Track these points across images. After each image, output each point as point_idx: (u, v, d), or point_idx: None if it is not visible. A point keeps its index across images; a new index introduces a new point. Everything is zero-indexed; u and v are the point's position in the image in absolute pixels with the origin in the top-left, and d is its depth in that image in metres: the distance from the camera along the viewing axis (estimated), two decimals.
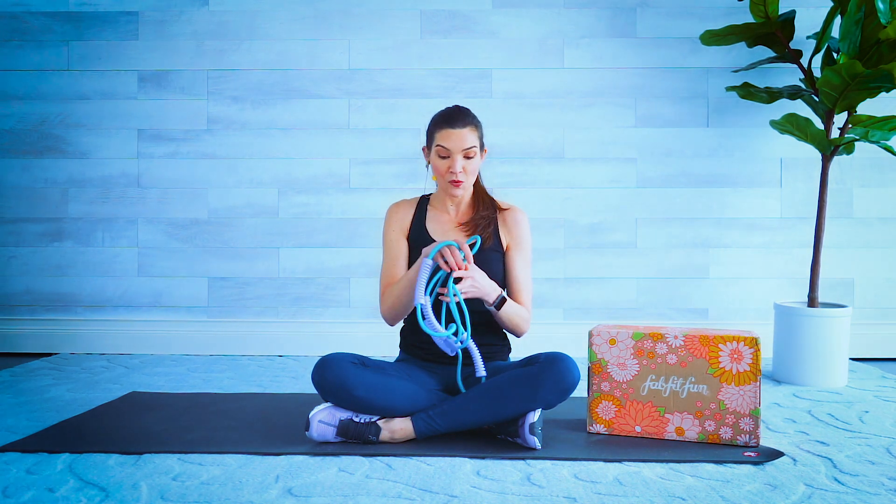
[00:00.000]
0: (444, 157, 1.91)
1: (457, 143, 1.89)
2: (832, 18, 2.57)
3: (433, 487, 1.53)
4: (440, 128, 1.91)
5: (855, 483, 1.57)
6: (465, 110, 1.94)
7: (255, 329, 3.14)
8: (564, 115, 3.11)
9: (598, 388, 1.92)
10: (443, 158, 1.91)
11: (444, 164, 1.91)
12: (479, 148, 1.93)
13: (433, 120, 1.95)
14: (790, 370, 2.58)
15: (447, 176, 1.91)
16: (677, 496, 1.49)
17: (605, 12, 3.10)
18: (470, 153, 1.90)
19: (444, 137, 1.89)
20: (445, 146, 1.89)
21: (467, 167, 1.91)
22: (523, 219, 2.03)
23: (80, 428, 1.96)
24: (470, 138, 1.90)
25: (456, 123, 1.90)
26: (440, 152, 1.91)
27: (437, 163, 1.93)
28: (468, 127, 1.90)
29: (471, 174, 1.93)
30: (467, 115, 1.93)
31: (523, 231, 2.01)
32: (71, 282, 3.18)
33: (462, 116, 1.92)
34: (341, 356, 1.83)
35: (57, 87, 3.16)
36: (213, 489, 1.52)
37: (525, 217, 2.04)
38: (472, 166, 1.93)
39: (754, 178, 3.10)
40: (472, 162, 1.92)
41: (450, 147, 1.89)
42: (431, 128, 1.95)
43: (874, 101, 2.86)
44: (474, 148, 1.91)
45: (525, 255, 2.01)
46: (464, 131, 1.89)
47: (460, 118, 1.91)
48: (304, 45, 3.13)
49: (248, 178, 3.15)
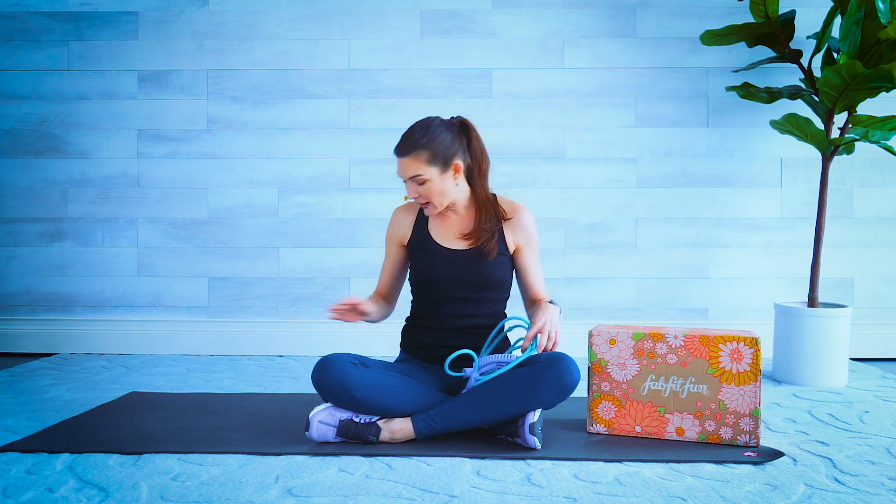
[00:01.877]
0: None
1: (402, 171, 1.90)
2: (832, 18, 2.57)
3: (433, 487, 1.53)
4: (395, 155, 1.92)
5: (855, 483, 1.57)
6: (413, 135, 1.88)
7: (255, 329, 3.14)
8: (564, 115, 3.11)
9: (598, 388, 1.92)
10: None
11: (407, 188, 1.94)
12: (437, 170, 1.88)
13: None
14: (790, 370, 2.58)
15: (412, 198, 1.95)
16: (677, 496, 1.49)
17: (605, 12, 3.10)
18: (418, 180, 1.88)
19: (397, 165, 1.92)
20: (397, 171, 1.92)
21: (422, 191, 1.89)
22: (529, 218, 2.04)
23: (80, 428, 1.96)
24: (412, 167, 1.87)
25: (400, 151, 1.89)
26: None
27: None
28: (409, 156, 1.87)
29: (434, 195, 1.90)
30: (412, 141, 1.87)
31: (531, 231, 2.03)
32: (71, 282, 3.18)
33: (406, 144, 1.88)
34: (341, 356, 1.82)
35: (57, 87, 3.16)
36: (213, 489, 1.52)
37: (530, 216, 2.05)
38: (428, 189, 1.89)
39: (754, 178, 3.10)
40: (427, 186, 1.88)
41: (399, 173, 1.91)
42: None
43: (874, 101, 2.86)
44: (419, 176, 1.87)
45: (535, 251, 2.05)
46: (405, 160, 1.88)
47: (403, 146, 1.88)
48: (303, 44, 3.13)
49: (248, 178, 3.15)
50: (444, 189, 1.91)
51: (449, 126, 1.93)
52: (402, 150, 1.88)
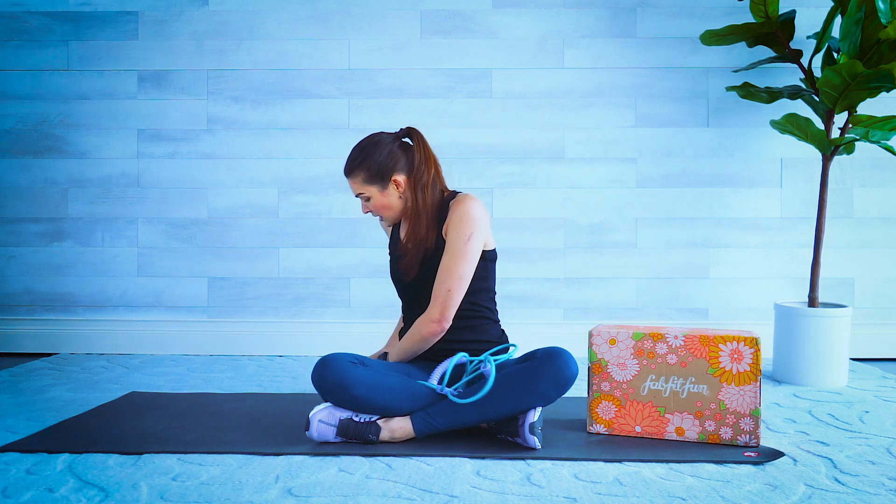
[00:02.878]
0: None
1: (352, 190, 2.01)
2: (832, 18, 2.57)
3: (433, 487, 1.53)
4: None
5: (855, 483, 1.56)
6: (351, 155, 1.98)
7: (255, 329, 3.14)
8: (564, 115, 3.11)
9: (598, 388, 1.91)
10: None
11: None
12: (376, 188, 1.97)
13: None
14: (790, 370, 2.58)
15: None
16: (677, 496, 1.49)
17: (605, 12, 3.10)
18: (363, 197, 2.00)
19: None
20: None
21: (370, 206, 2.01)
22: (455, 209, 1.93)
23: (79, 428, 1.96)
24: (355, 186, 1.99)
25: (345, 171, 2.01)
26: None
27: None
28: (350, 177, 2.00)
29: (381, 209, 2.01)
30: (349, 163, 1.98)
31: (450, 222, 1.92)
32: (71, 282, 3.18)
33: (347, 165, 1.99)
34: (341, 356, 1.82)
35: (57, 86, 3.16)
36: (213, 489, 1.52)
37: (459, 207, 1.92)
38: (373, 205, 2.00)
39: (754, 178, 3.10)
40: (372, 203, 2.00)
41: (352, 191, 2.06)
42: None
43: (874, 101, 2.87)
44: (363, 194, 1.99)
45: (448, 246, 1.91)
46: (349, 180, 2.01)
47: (346, 166, 2.00)
48: (303, 45, 3.13)
49: (248, 178, 3.15)
50: (389, 203, 2.00)
51: (391, 141, 1.99)
52: (345, 170, 2.01)
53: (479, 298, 1.99)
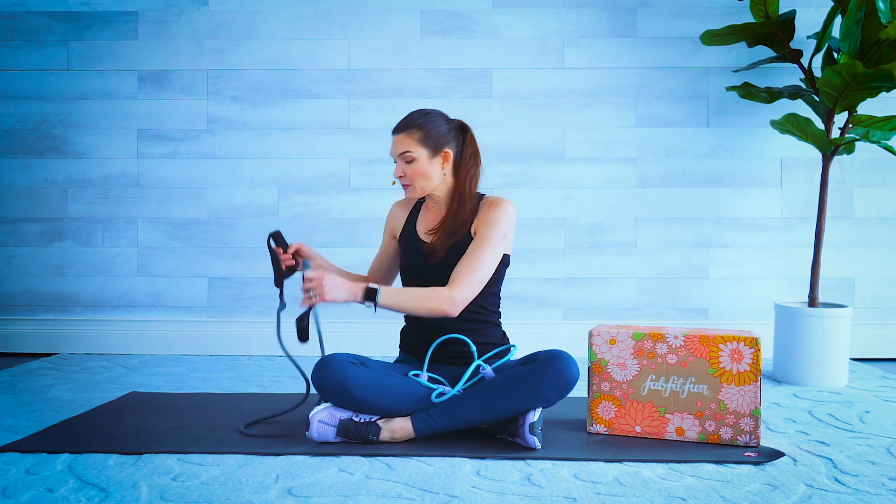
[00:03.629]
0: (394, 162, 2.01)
1: (394, 148, 1.98)
2: (832, 18, 2.57)
3: (433, 487, 1.53)
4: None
5: (855, 483, 1.56)
6: (411, 115, 1.98)
7: (255, 329, 3.14)
8: (564, 115, 3.11)
9: (598, 388, 1.91)
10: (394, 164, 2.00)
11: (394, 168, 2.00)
12: (427, 152, 1.94)
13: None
14: (790, 370, 2.58)
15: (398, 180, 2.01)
16: (677, 496, 1.49)
17: (605, 12, 3.10)
18: (407, 157, 1.94)
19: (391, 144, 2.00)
20: (390, 151, 1.99)
21: (408, 171, 1.95)
22: (493, 205, 1.95)
23: (79, 428, 1.96)
24: (404, 143, 1.95)
25: (395, 129, 1.98)
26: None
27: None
28: (404, 132, 1.95)
29: (417, 177, 1.95)
30: (409, 120, 1.97)
31: (488, 215, 1.93)
32: (71, 282, 3.18)
33: (402, 122, 1.98)
34: (341, 356, 1.82)
35: (57, 86, 3.16)
36: (213, 489, 1.52)
37: (500, 204, 1.95)
38: (414, 170, 1.94)
39: (754, 178, 3.10)
40: (413, 166, 1.94)
41: (391, 152, 1.98)
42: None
43: (874, 101, 2.86)
44: (410, 153, 1.93)
45: (483, 238, 1.91)
46: (399, 136, 1.96)
47: (400, 124, 1.98)
48: (304, 45, 3.13)
49: (248, 178, 3.15)
50: (429, 173, 1.96)
51: (448, 119, 2.01)
52: (397, 128, 1.97)
53: (486, 301, 2.00)
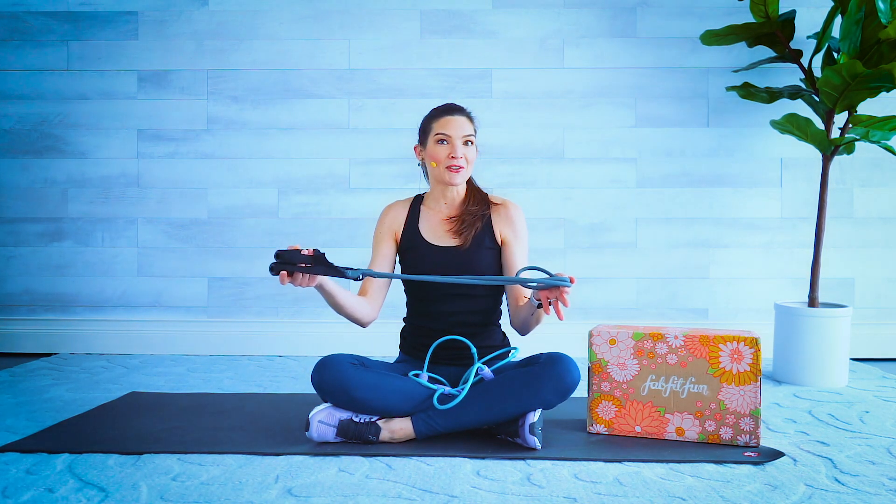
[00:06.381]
0: (444, 143, 1.94)
1: (456, 130, 1.94)
2: (832, 18, 2.57)
3: (433, 487, 1.53)
4: (440, 116, 1.97)
5: (855, 483, 1.56)
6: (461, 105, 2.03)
7: (255, 329, 3.14)
8: (564, 115, 3.11)
9: (598, 388, 1.91)
10: (443, 145, 1.94)
11: (445, 150, 1.94)
12: (475, 139, 1.99)
13: (429, 114, 2.01)
14: (790, 370, 2.58)
15: (446, 162, 1.93)
16: (677, 496, 1.49)
17: (605, 12, 3.10)
18: (468, 139, 1.96)
19: (443, 125, 1.95)
20: (445, 132, 1.94)
21: (468, 153, 1.96)
22: (519, 212, 2.04)
23: (79, 428, 1.96)
24: (469, 126, 1.98)
25: (455, 112, 1.98)
26: (440, 139, 1.94)
27: (436, 151, 1.95)
28: (466, 116, 1.99)
29: (471, 161, 1.98)
30: (465, 107, 2.02)
31: (518, 224, 2.02)
32: (70, 282, 3.18)
33: (460, 107, 2.01)
34: (341, 357, 1.82)
35: (56, 86, 3.16)
36: (212, 489, 1.52)
37: (519, 210, 2.05)
38: (471, 155, 1.97)
39: (754, 178, 3.10)
40: (471, 150, 1.97)
41: (450, 133, 1.94)
42: (427, 120, 2.00)
43: (874, 101, 2.86)
44: (472, 136, 1.97)
45: (524, 247, 2.02)
46: (462, 118, 1.98)
47: (458, 108, 2.00)
48: (303, 44, 3.13)
49: (248, 178, 3.15)
50: (474, 161, 2.01)
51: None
52: (460, 110, 1.99)
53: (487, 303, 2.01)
